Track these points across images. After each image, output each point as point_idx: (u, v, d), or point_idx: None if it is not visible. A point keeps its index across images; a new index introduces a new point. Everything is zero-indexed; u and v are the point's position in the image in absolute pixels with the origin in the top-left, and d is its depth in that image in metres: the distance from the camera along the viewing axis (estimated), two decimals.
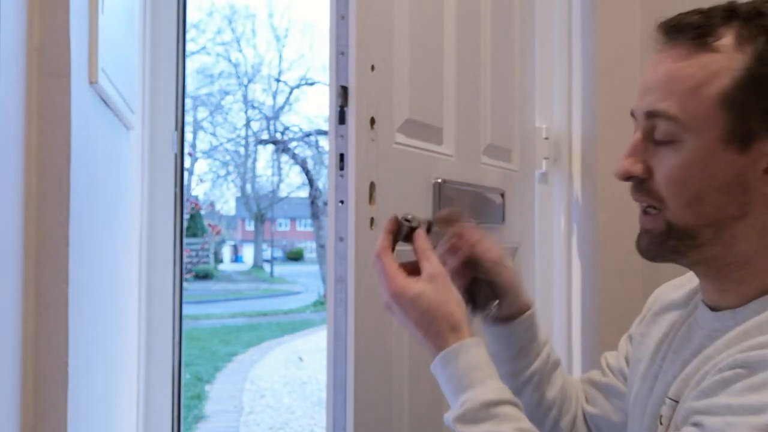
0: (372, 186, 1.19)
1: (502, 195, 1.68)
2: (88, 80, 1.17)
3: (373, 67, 1.20)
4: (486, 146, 1.61)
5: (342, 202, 1.16)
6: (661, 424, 0.80)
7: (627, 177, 0.80)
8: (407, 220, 0.92)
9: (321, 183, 16.08)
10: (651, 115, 0.78)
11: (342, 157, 1.16)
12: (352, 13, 1.15)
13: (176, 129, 2.01)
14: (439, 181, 1.38)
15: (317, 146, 17.10)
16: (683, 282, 0.97)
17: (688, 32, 0.76)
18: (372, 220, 1.19)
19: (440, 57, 1.43)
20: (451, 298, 0.86)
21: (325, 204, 1.25)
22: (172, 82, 2.00)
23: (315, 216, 16.02)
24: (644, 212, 0.82)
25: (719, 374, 0.71)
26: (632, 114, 0.83)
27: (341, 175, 1.16)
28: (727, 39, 0.74)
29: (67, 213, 1.03)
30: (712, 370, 0.73)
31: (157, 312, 1.97)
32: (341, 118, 1.16)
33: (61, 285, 1.03)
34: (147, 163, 1.95)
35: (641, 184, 0.80)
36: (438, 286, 0.86)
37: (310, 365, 8.03)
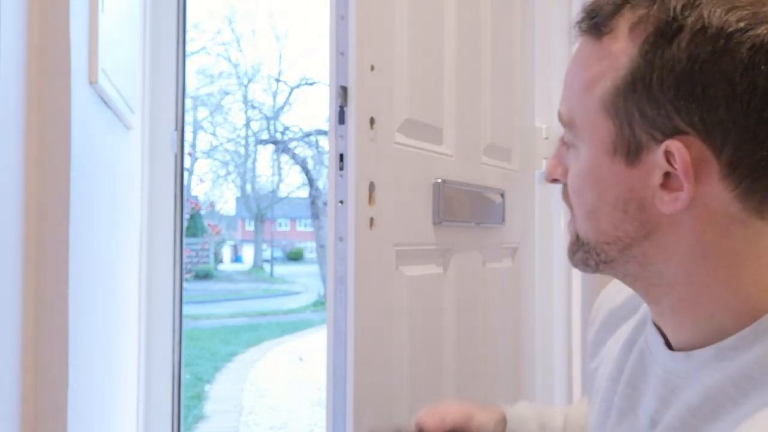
0: (372, 186, 1.19)
1: (502, 195, 1.68)
2: (88, 80, 1.17)
3: (372, 67, 1.20)
4: (486, 146, 1.61)
5: (342, 202, 1.16)
6: None
7: (550, 180, 0.70)
8: None
9: (321, 183, 16.08)
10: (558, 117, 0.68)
11: (342, 157, 1.16)
12: (352, 13, 1.15)
13: (176, 129, 2.01)
14: (439, 181, 1.38)
15: (317, 146, 17.11)
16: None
17: (583, 21, 0.62)
18: (372, 220, 1.19)
19: (440, 57, 1.43)
20: None
21: (325, 204, 1.25)
22: (172, 82, 2.00)
23: (315, 216, 16.01)
24: None
25: None
26: None
27: (341, 175, 1.16)
28: (620, 30, 0.60)
29: (67, 213, 1.03)
30: None
31: (157, 312, 1.97)
32: (341, 118, 1.16)
33: (61, 285, 1.03)
34: (147, 163, 1.95)
35: (564, 188, 0.68)
36: None
37: (310, 365, 8.03)
